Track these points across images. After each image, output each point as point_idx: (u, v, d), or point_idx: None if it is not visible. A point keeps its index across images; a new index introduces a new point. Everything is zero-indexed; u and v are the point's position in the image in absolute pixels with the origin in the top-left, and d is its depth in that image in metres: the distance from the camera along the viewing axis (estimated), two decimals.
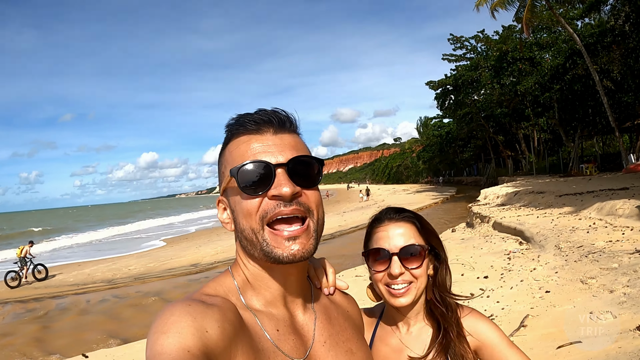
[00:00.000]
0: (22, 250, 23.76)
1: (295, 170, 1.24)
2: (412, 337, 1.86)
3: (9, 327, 14.09)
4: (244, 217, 1.24)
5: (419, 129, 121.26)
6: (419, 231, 1.84)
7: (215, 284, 1.30)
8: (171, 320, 1.03)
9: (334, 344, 1.40)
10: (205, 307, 1.10)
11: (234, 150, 1.28)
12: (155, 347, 0.98)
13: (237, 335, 1.12)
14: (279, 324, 1.30)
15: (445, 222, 26.88)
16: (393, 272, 1.75)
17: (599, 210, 14.23)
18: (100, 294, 18.23)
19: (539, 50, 41.13)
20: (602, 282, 7.88)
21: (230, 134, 1.32)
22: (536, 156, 47.44)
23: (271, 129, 1.28)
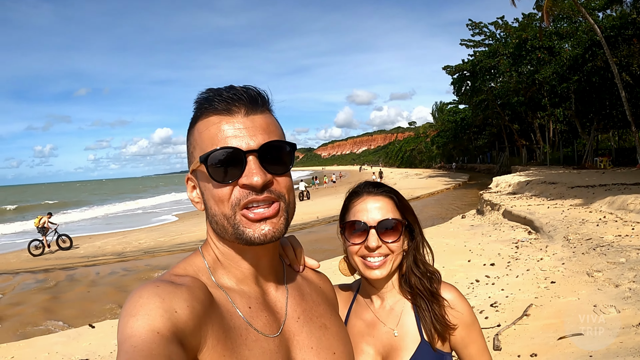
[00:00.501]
0: (39, 220, 24.01)
1: (266, 157, 1.21)
2: (386, 311, 1.89)
3: (19, 297, 14.29)
4: (215, 203, 1.23)
5: (434, 114, 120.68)
6: (396, 206, 1.86)
7: (185, 264, 1.30)
8: (140, 302, 1.03)
9: (307, 319, 1.41)
10: (173, 287, 1.10)
11: (204, 132, 1.23)
12: (125, 330, 0.99)
13: (207, 314, 1.12)
14: (250, 301, 1.29)
15: (455, 208, 26.88)
16: (370, 245, 1.78)
17: (610, 204, 14.18)
18: (110, 266, 18.41)
19: (558, 39, 40.67)
20: (608, 276, 7.87)
21: (199, 111, 1.26)
22: (551, 147, 47.06)
23: (242, 110, 1.23)
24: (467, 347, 1.83)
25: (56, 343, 8.65)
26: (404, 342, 1.81)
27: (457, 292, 1.87)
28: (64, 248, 23.78)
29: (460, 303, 1.84)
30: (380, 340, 1.85)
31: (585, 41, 35.04)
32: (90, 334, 9.14)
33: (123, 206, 60.98)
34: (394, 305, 1.90)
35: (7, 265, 20.02)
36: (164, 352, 0.92)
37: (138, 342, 0.94)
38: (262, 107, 1.27)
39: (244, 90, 1.24)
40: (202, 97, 1.26)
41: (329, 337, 1.42)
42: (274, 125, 1.29)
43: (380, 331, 1.86)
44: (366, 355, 1.84)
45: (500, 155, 63.10)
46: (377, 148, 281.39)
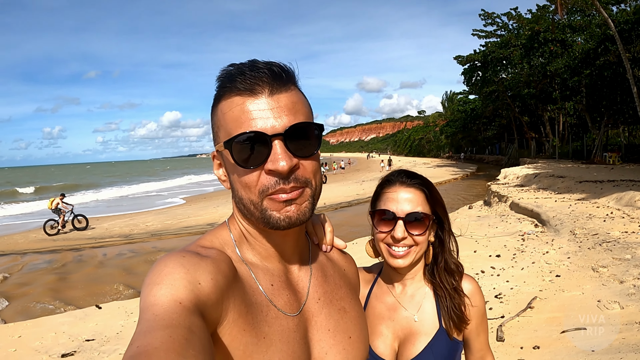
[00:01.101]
0: (52, 202, 24.13)
1: (292, 139, 1.17)
2: (407, 296, 1.95)
3: (27, 277, 14.37)
4: (242, 188, 1.21)
5: (444, 104, 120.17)
6: (427, 199, 1.89)
7: (212, 236, 1.30)
8: (165, 271, 1.03)
9: (327, 301, 1.41)
10: (199, 259, 1.10)
11: (227, 113, 1.19)
12: (148, 298, 0.99)
13: (230, 288, 1.12)
14: (273, 279, 1.30)
15: (462, 198, 26.86)
16: (396, 236, 1.82)
17: (617, 200, 14.15)
18: (117, 248, 18.48)
19: (571, 32, 40.28)
20: (613, 272, 7.88)
21: (222, 90, 1.22)
22: (560, 140, 46.86)
23: (266, 89, 1.17)
24: (479, 336, 1.92)
25: (63, 323, 8.74)
26: (424, 327, 1.87)
27: (476, 285, 1.96)
28: (79, 228, 24.04)
29: (478, 296, 1.93)
30: (400, 324, 1.91)
31: (599, 35, 34.74)
32: (96, 314, 9.22)
33: (134, 189, 61.04)
34: (415, 292, 1.96)
35: (15, 246, 20.10)
36: (185, 323, 0.93)
37: (160, 310, 0.95)
38: (287, 85, 1.22)
39: (267, 67, 1.19)
40: (224, 75, 1.22)
41: (347, 321, 1.43)
42: (301, 102, 1.24)
43: (401, 315, 1.92)
44: (384, 338, 1.90)
45: (509, 147, 62.83)
46: (385, 136, 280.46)
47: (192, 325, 0.94)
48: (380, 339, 1.90)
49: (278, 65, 1.22)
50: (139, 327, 0.94)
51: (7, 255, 18.20)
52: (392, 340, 1.89)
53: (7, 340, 7.98)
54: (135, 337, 0.90)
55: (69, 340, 7.85)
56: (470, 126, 78.43)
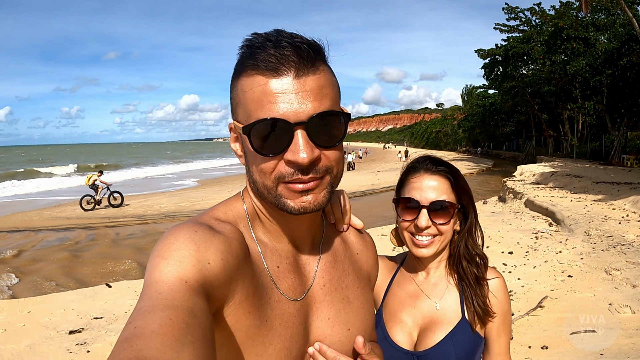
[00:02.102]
0: (89, 178, 24.66)
1: (316, 130, 1.10)
2: (430, 284, 1.91)
3: (39, 254, 14.51)
4: (258, 173, 1.15)
5: (464, 97, 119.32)
6: (452, 187, 1.85)
7: (226, 208, 1.25)
8: (174, 246, 1.00)
9: (332, 288, 1.37)
10: (211, 235, 1.06)
11: (248, 92, 1.10)
12: (153, 273, 0.96)
13: (240, 269, 1.09)
14: (281, 260, 1.26)
15: (477, 193, 26.73)
16: (420, 225, 1.78)
17: (634, 203, 14.04)
18: (130, 228, 18.67)
19: (594, 31, 39.82)
20: (626, 276, 7.82)
21: (243, 66, 1.13)
22: (578, 140, 46.46)
23: (292, 71, 1.08)
24: (500, 337, 1.85)
25: (72, 300, 8.80)
26: (446, 316, 1.83)
27: (502, 280, 1.89)
28: (114, 205, 24.61)
29: (503, 291, 1.86)
30: (422, 312, 1.86)
31: (622, 35, 34.33)
32: (106, 293, 9.28)
33: (150, 171, 61.54)
34: (438, 281, 1.91)
35: (29, 223, 20.31)
36: (187, 305, 0.89)
37: (164, 288, 0.92)
38: (315, 65, 1.11)
39: (293, 44, 1.09)
40: (246, 48, 1.13)
41: (348, 312, 1.38)
42: (329, 86, 1.14)
43: (423, 303, 1.88)
44: (403, 325, 1.87)
45: (526, 144, 62.37)
46: (403, 127, 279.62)
47: (195, 308, 0.90)
48: (399, 327, 1.86)
49: (306, 41, 1.12)
50: (140, 302, 0.91)
51: (21, 231, 18.40)
52: (411, 329, 1.86)
53: (17, 315, 8.05)
54: (134, 314, 0.87)
55: (78, 318, 7.90)
56: (489, 121, 77.87)
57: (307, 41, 1.12)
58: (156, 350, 0.78)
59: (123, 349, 0.79)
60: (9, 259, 13.85)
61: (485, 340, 1.85)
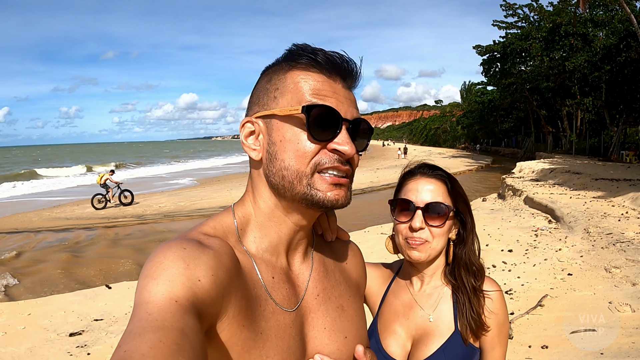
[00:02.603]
0: (101, 177, 25.08)
1: (355, 132, 1.22)
2: (425, 294, 1.91)
3: (39, 255, 14.53)
4: (296, 157, 1.16)
5: (462, 94, 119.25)
6: (448, 191, 1.87)
7: (215, 222, 1.24)
8: (163, 265, 0.99)
9: (326, 297, 1.37)
10: (200, 251, 1.05)
11: (303, 82, 1.18)
12: (143, 294, 0.95)
13: (231, 283, 1.08)
14: (275, 271, 1.26)
15: (477, 190, 26.76)
16: (414, 225, 1.80)
17: (633, 200, 14.04)
18: (129, 228, 18.69)
19: (593, 27, 39.82)
20: (626, 274, 7.82)
21: (297, 59, 1.20)
22: (577, 136, 46.49)
23: (340, 80, 1.21)
24: (494, 349, 1.83)
25: (73, 302, 8.80)
26: (438, 328, 1.82)
27: (499, 293, 1.88)
28: (125, 203, 25.14)
29: (499, 303, 1.85)
30: (415, 323, 1.87)
31: (621, 31, 34.32)
32: (106, 294, 9.28)
33: (147, 171, 61.55)
34: (433, 291, 1.91)
35: (28, 224, 20.33)
36: (178, 325, 0.88)
37: (154, 309, 0.91)
38: (356, 83, 1.28)
39: (347, 61, 1.22)
40: (299, 49, 1.21)
41: (344, 320, 1.39)
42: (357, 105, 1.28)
43: (416, 314, 1.88)
44: (397, 337, 1.87)
45: (525, 140, 62.36)
46: (401, 124, 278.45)
47: (186, 327, 0.90)
48: (392, 337, 1.87)
49: (356, 65, 1.25)
50: (131, 325, 0.90)
51: (21, 232, 18.42)
52: (405, 340, 1.86)
53: (17, 318, 8.06)
54: (124, 337, 0.86)
55: (78, 320, 7.91)
56: (487, 118, 77.86)
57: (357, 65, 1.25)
58: None
59: None
60: (8, 260, 13.86)
61: (480, 351, 1.85)
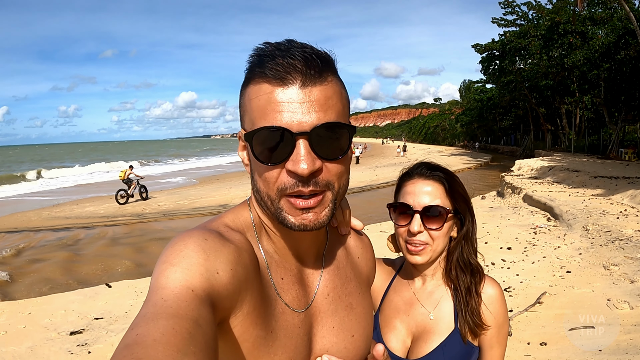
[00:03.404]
0: (124, 173, 26.20)
1: (319, 141, 1.09)
2: (426, 292, 1.91)
3: (39, 254, 14.54)
4: (262, 182, 1.14)
5: (461, 92, 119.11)
6: (446, 192, 1.83)
7: (234, 216, 1.24)
8: (184, 253, 0.99)
9: (336, 297, 1.36)
10: (221, 244, 1.05)
11: (253, 100, 1.10)
12: (160, 279, 0.95)
13: (247, 280, 1.08)
14: (285, 273, 1.25)
15: (475, 188, 26.72)
16: (412, 230, 1.78)
17: (632, 198, 14.05)
18: (129, 227, 18.71)
19: (591, 25, 39.73)
20: (625, 271, 7.84)
21: (251, 73, 1.13)
22: (576, 134, 46.41)
23: (298, 80, 1.07)
24: (492, 348, 1.83)
25: (73, 301, 8.81)
26: (438, 326, 1.82)
27: (499, 291, 1.87)
28: (145, 198, 26.57)
29: (499, 302, 1.84)
30: (415, 320, 1.87)
31: (619, 29, 34.23)
32: (106, 293, 9.30)
33: (146, 169, 61.56)
34: (434, 289, 1.91)
35: (28, 223, 20.35)
36: (192, 314, 0.88)
37: (170, 296, 0.91)
38: (323, 75, 1.11)
39: (302, 54, 1.09)
40: (255, 56, 1.13)
41: (352, 319, 1.39)
42: (336, 97, 1.13)
43: (417, 311, 1.88)
44: (397, 332, 1.87)
45: (524, 138, 62.31)
46: (400, 122, 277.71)
47: (200, 318, 0.89)
48: (393, 333, 1.87)
49: (316, 51, 1.12)
50: (144, 309, 0.89)
51: (20, 232, 18.43)
52: (405, 336, 1.86)
53: (17, 317, 8.07)
54: (137, 320, 0.86)
55: (78, 318, 7.92)
56: (486, 116, 77.75)
57: (317, 52, 1.12)
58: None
59: (123, 355, 0.77)
60: (8, 259, 13.88)
61: (479, 350, 1.84)
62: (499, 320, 1.83)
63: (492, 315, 1.81)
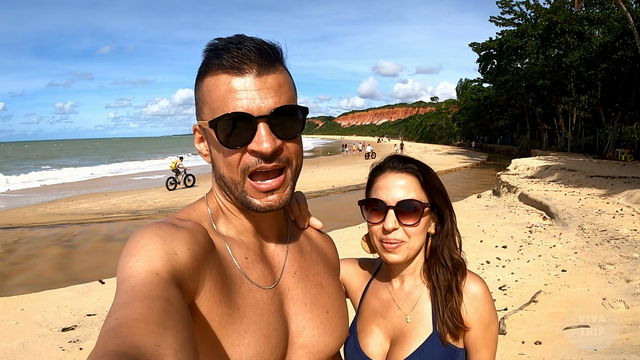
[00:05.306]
0: (175, 163, 30.40)
1: (277, 122, 1.19)
2: (404, 293, 1.79)
3: (33, 250, 14.52)
4: (225, 166, 1.23)
5: (458, 91, 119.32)
6: (421, 185, 1.70)
7: (189, 210, 1.31)
8: (141, 243, 1.03)
9: (304, 276, 1.42)
10: (175, 229, 1.10)
11: (213, 91, 1.20)
12: (125, 270, 0.98)
13: (206, 259, 1.13)
14: (248, 252, 1.31)
15: (471, 187, 26.79)
16: (386, 227, 1.65)
17: (628, 197, 14.07)
18: (124, 224, 18.66)
19: (589, 25, 39.80)
20: (620, 270, 7.83)
21: (208, 66, 1.22)
22: (573, 133, 46.48)
23: (254, 69, 1.17)
24: (478, 351, 1.68)
25: (66, 297, 8.79)
26: (415, 330, 1.70)
27: (483, 288, 1.71)
28: (189, 186, 30.24)
29: (483, 300, 1.69)
30: (392, 324, 1.76)
31: (617, 29, 34.28)
32: (99, 289, 9.27)
33: (142, 165, 61.66)
34: (412, 290, 1.79)
35: (22, 219, 20.34)
36: (162, 294, 0.92)
37: (137, 282, 0.94)
38: (275, 64, 1.22)
39: (255, 45, 1.19)
40: (210, 50, 1.22)
41: (324, 296, 1.44)
42: (287, 84, 1.24)
43: (394, 314, 1.77)
44: (375, 337, 1.77)
45: (520, 137, 62.50)
46: (397, 121, 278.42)
47: (170, 296, 0.93)
48: (370, 337, 1.77)
49: (266, 43, 1.22)
50: (117, 299, 0.93)
51: (15, 228, 18.37)
52: (383, 340, 1.76)
53: (10, 313, 8.05)
54: (113, 309, 0.89)
55: (71, 315, 7.90)
56: (483, 115, 77.96)
57: (268, 43, 1.23)
58: (141, 336, 0.81)
59: (109, 336, 0.80)
60: (1, 255, 13.85)
61: (465, 353, 1.71)
62: (485, 320, 1.68)
63: (475, 315, 1.67)
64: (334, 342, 1.41)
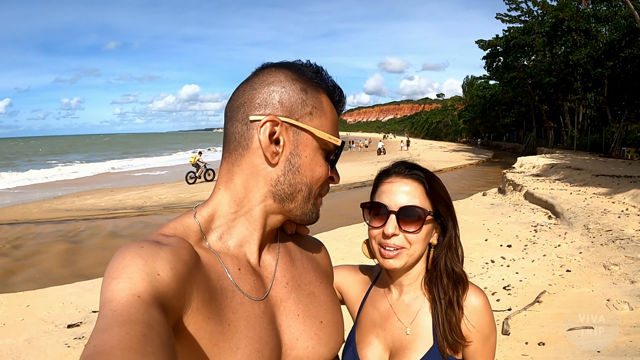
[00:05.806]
0: (194, 158, 31.82)
1: None
2: (403, 304, 1.76)
3: (38, 247, 14.55)
4: (315, 179, 1.30)
5: (464, 88, 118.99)
6: (426, 193, 1.68)
7: (175, 223, 1.26)
8: (122, 264, 1.00)
9: (296, 285, 1.39)
10: (157, 248, 1.06)
11: (329, 112, 1.33)
12: (106, 294, 0.96)
13: (191, 276, 1.09)
14: (240, 264, 1.27)
15: (477, 184, 26.72)
16: (386, 232, 1.63)
17: (634, 197, 14.01)
18: (129, 220, 18.69)
19: (596, 22, 39.62)
20: (625, 271, 7.81)
21: (325, 87, 1.34)
22: (579, 132, 46.28)
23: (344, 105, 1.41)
24: None
25: (71, 294, 8.81)
26: (415, 342, 1.68)
27: (484, 301, 1.70)
28: (208, 180, 31.22)
29: (483, 313, 1.68)
30: (391, 335, 1.73)
31: (624, 27, 34.12)
32: None
33: (148, 161, 61.74)
34: (412, 301, 1.76)
35: (28, 215, 20.40)
36: (143, 318, 0.89)
37: (118, 306, 0.91)
38: None
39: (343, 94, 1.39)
40: (330, 82, 1.35)
41: (317, 306, 1.40)
42: None
43: (393, 326, 1.74)
44: (374, 348, 1.74)
45: (526, 135, 62.24)
46: (403, 117, 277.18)
47: (151, 320, 0.91)
48: (369, 349, 1.75)
49: None
50: (98, 324, 0.91)
51: (21, 224, 18.43)
52: (382, 352, 1.74)
53: (16, 309, 8.08)
54: (93, 335, 0.87)
55: (76, 311, 7.92)
56: (489, 112, 77.71)
57: None
58: None
59: None
60: (8, 251, 13.91)
61: None
62: (484, 332, 1.68)
63: (475, 328, 1.66)
64: (328, 352, 1.39)
